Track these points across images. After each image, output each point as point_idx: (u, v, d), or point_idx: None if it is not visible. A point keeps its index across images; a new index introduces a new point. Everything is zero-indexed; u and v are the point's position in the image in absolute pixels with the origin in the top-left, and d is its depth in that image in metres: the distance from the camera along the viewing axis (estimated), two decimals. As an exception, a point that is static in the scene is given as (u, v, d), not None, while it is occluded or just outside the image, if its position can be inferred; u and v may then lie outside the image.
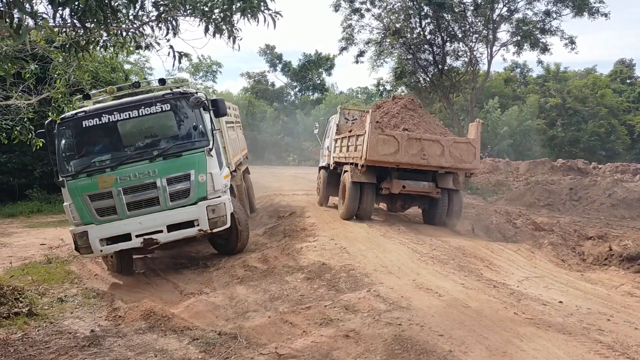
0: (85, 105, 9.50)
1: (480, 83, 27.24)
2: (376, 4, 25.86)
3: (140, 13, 6.33)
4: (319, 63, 59.86)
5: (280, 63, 61.07)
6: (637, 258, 8.54)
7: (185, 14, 6.40)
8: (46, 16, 4.91)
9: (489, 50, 25.71)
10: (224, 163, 10.17)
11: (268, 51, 60.34)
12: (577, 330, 5.58)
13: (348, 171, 13.06)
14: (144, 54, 30.95)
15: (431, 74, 27.52)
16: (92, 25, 5.41)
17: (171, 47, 6.72)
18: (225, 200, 9.37)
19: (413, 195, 12.90)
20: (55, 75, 9.50)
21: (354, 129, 14.21)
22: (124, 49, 7.41)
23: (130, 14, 6.23)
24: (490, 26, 25.00)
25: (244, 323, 6.45)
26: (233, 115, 15.29)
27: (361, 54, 27.76)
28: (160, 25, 6.41)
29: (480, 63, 27.00)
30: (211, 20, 6.22)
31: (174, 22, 6.42)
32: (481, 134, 12.57)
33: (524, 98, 47.60)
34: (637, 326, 5.81)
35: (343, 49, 27.65)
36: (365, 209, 12.80)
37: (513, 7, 24.71)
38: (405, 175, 12.44)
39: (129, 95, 9.88)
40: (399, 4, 25.66)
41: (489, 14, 24.68)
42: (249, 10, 5.66)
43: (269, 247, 10.61)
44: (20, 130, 9.17)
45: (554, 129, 45.31)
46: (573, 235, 11.33)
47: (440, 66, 26.57)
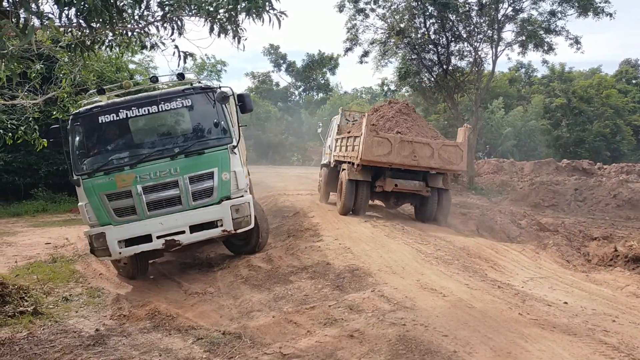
0: (99, 100, 9.06)
1: (484, 83, 27.17)
2: (380, 4, 25.89)
3: (145, 13, 6.36)
4: (322, 63, 59.90)
5: (285, 63, 61.16)
6: (643, 259, 8.51)
7: (190, 14, 6.42)
8: (52, 16, 4.94)
9: (493, 50, 25.67)
10: (243, 161, 9.91)
11: (272, 51, 60.44)
12: (582, 331, 5.56)
13: (345, 169, 13.80)
14: (149, 53, 31.00)
15: (436, 74, 27.50)
16: (98, 25, 5.43)
17: (176, 47, 6.75)
18: (249, 200, 9.06)
19: (405, 193, 13.67)
20: (61, 75, 9.56)
21: (352, 130, 14.97)
22: (129, 48, 7.45)
23: (135, 14, 6.26)
24: (495, 26, 24.97)
25: (248, 323, 6.45)
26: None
27: (365, 54, 27.78)
28: (165, 25, 6.43)
29: (485, 63, 26.98)
30: (216, 20, 6.24)
31: (179, 22, 6.45)
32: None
33: (529, 98, 47.49)
34: (643, 327, 5.78)
35: (348, 50, 27.68)
36: (360, 204, 13.55)
37: (518, 7, 24.67)
38: (398, 175, 13.20)
39: (144, 91, 9.53)
40: (404, 4, 25.65)
41: (494, 14, 24.64)
42: (254, 10, 5.67)
43: (273, 247, 10.61)
44: (25, 130, 9.22)
45: (559, 130, 45.19)
46: (578, 235, 11.31)
47: (444, 66, 26.54)
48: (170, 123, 9.11)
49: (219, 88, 8.84)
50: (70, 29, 6.20)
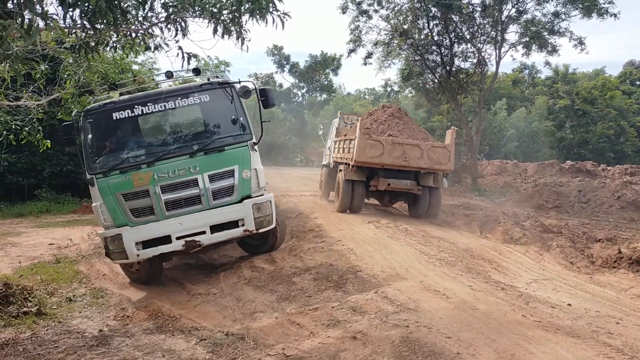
0: (110, 96, 8.72)
1: (488, 84, 27.14)
2: (384, 5, 25.84)
3: (149, 14, 6.37)
4: (325, 64, 59.94)
5: (288, 64, 61.23)
6: (647, 261, 8.48)
7: (194, 15, 6.43)
8: (56, 17, 4.95)
9: (497, 51, 25.63)
10: None
11: (276, 52, 60.53)
12: (586, 333, 5.55)
13: (342, 170, 14.66)
14: (152, 54, 31.05)
15: (439, 75, 27.46)
16: (102, 26, 5.45)
17: (180, 48, 6.76)
18: (270, 198, 8.81)
19: (398, 192, 14.55)
20: (65, 76, 9.55)
21: (348, 133, 15.71)
22: (133, 50, 7.46)
23: (139, 15, 6.27)
24: (498, 27, 24.92)
25: (252, 324, 6.46)
26: None
27: (369, 55, 27.74)
28: (169, 26, 6.44)
29: (489, 64, 26.92)
30: (220, 22, 6.24)
31: (182, 24, 6.46)
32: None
33: (533, 100, 47.40)
34: (647, 329, 5.77)
35: (351, 51, 27.65)
36: (356, 203, 14.33)
37: (522, 9, 24.61)
38: (391, 175, 14.01)
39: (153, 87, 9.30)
40: (407, 5, 25.61)
41: (497, 15, 24.60)
42: (258, 12, 5.68)
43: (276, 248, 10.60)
44: (29, 131, 9.23)
45: (563, 131, 45.09)
46: (582, 237, 11.27)
47: (448, 67, 26.50)
48: (187, 119, 8.82)
49: (239, 82, 8.61)
50: (74, 30, 6.22)
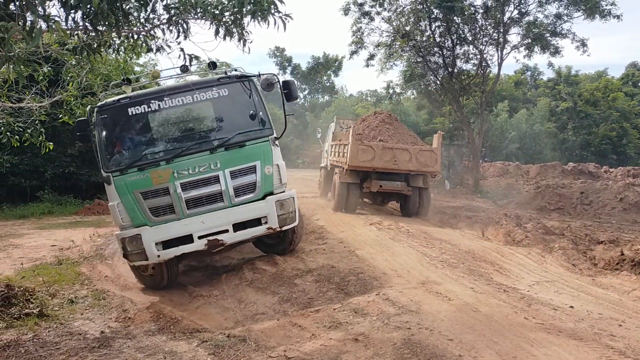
0: (124, 91, 8.42)
1: (490, 86, 27.13)
2: (386, 7, 25.86)
3: (151, 16, 6.37)
4: (327, 65, 60.00)
5: (290, 65, 61.27)
6: (649, 263, 8.45)
7: (196, 17, 6.43)
8: (58, 19, 4.95)
9: (499, 53, 25.62)
10: None
11: (278, 53, 60.57)
12: (589, 335, 5.53)
13: (337, 173, 15.88)
14: (153, 56, 31.09)
15: (441, 77, 27.48)
16: (104, 28, 5.45)
17: (182, 50, 6.76)
18: (293, 195, 8.54)
19: (390, 193, 15.50)
20: (68, 78, 9.56)
21: (343, 138, 16.60)
22: (135, 51, 7.47)
23: (141, 17, 6.27)
24: (500, 29, 24.91)
25: (253, 326, 6.46)
26: None
27: (371, 57, 27.74)
28: (171, 28, 6.45)
29: (491, 66, 26.91)
30: (222, 23, 6.24)
31: (184, 25, 6.46)
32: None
33: (535, 101, 47.35)
34: (650, 332, 5.75)
35: (353, 53, 27.66)
36: (351, 203, 15.35)
37: (524, 10, 24.60)
38: (382, 177, 14.99)
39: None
40: (409, 7, 25.64)
41: (499, 17, 24.59)
42: (259, 13, 5.68)
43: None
44: (31, 133, 9.24)
45: (565, 133, 45.04)
46: (584, 239, 11.24)
47: (450, 69, 26.51)
48: (206, 114, 8.52)
49: (259, 75, 8.43)
50: (76, 32, 6.23)
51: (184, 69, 8.24)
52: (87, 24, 5.30)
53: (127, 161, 7.94)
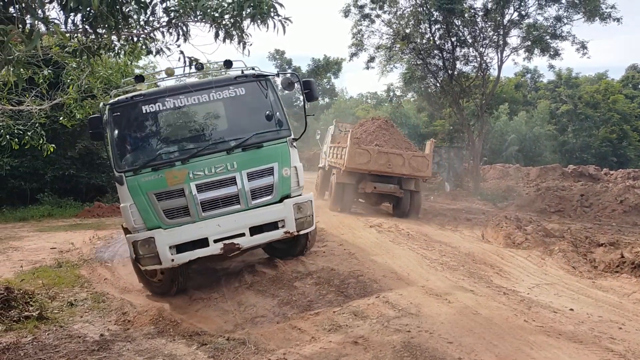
0: (137, 89, 8.14)
1: (490, 88, 27.14)
2: (386, 9, 25.87)
3: (151, 19, 6.38)
4: (327, 68, 60.04)
5: (290, 68, 61.26)
6: (650, 265, 8.43)
7: (195, 19, 6.45)
8: (58, 22, 4.96)
9: (499, 55, 25.63)
10: None
11: (277, 56, 60.59)
12: (589, 338, 5.52)
13: (335, 173, 16.65)
14: (153, 58, 31.12)
15: (441, 79, 27.47)
16: (104, 30, 5.46)
17: (181, 53, 6.78)
18: (311, 198, 8.31)
19: (383, 194, 16.33)
20: (68, 81, 9.57)
21: (342, 140, 17.46)
22: (135, 54, 7.48)
23: (141, 20, 6.28)
24: (500, 31, 24.92)
25: (253, 328, 6.45)
26: None
27: (371, 59, 27.75)
28: (170, 30, 6.46)
29: (491, 68, 26.93)
30: (221, 26, 6.26)
31: (184, 28, 6.48)
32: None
33: (535, 104, 47.36)
34: (650, 335, 5.73)
35: (353, 55, 27.66)
36: (346, 203, 16.23)
37: (524, 13, 24.62)
38: (377, 179, 15.85)
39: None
40: (409, 9, 25.65)
41: (499, 19, 24.61)
42: (259, 16, 5.69)
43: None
44: (31, 135, 9.25)
45: (565, 135, 45.05)
46: (584, 241, 11.22)
47: (450, 71, 26.50)
48: (222, 113, 8.29)
49: (277, 75, 8.34)
50: (76, 35, 6.24)
51: (199, 66, 8.03)
52: (87, 27, 5.31)
53: (141, 161, 7.67)
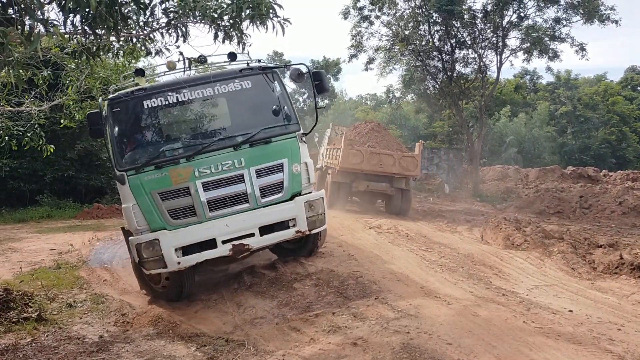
0: (136, 83, 7.82)
1: (489, 90, 27.17)
2: (385, 11, 25.90)
3: (150, 20, 6.39)
4: (326, 69, 60.01)
5: (289, 70, 61.23)
6: (649, 267, 8.43)
7: (195, 20, 6.45)
8: (57, 23, 4.96)
9: (498, 57, 25.67)
10: None
11: (277, 58, 60.53)
12: (588, 339, 5.52)
13: (330, 173, 17.68)
14: (152, 60, 31.13)
15: (440, 81, 27.50)
16: (103, 31, 5.46)
17: (181, 54, 6.79)
18: (322, 195, 8.02)
19: (376, 192, 17.34)
20: (67, 82, 9.56)
21: (337, 142, 18.30)
22: (134, 55, 7.48)
23: (140, 21, 6.29)
24: (499, 33, 24.96)
25: (252, 330, 6.44)
26: None
27: (370, 61, 27.78)
28: (170, 31, 6.46)
29: (489, 70, 26.97)
30: (220, 27, 6.26)
31: (183, 29, 6.48)
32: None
33: (534, 105, 47.39)
34: (649, 336, 5.74)
35: (352, 57, 27.68)
36: (341, 201, 17.28)
37: (523, 14, 24.66)
38: (369, 178, 16.84)
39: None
40: (408, 11, 25.70)
41: (498, 21, 24.64)
42: (258, 18, 5.70)
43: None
44: (31, 137, 9.24)
45: (564, 137, 45.08)
46: (583, 243, 11.22)
47: (449, 73, 26.55)
48: (228, 108, 7.91)
49: (285, 67, 8.02)
50: (75, 36, 6.24)
51: (202, 59, 7.84)
52: (86, 28, 5.31)
53: (143, 159, 7.29)
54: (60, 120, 10.10)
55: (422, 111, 36.34)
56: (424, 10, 24.98)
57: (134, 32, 6.53)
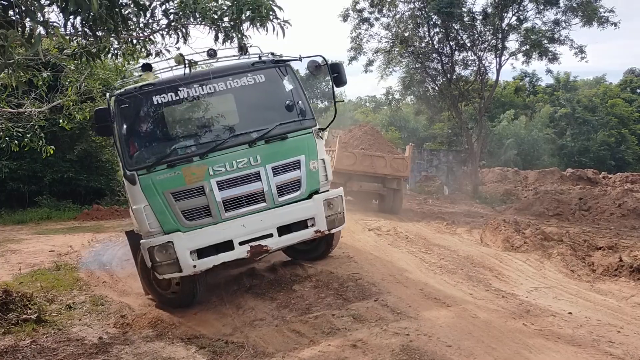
0: (144, 79, 7.51)
1: (489, 92, 27.21)
2: (385, 13, 25.95)
3: (150, 21, 6.38)
4: (325, 71, 59.96)
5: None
6: (648, 269, 8.44)
7: (195, 22, 6.45)
8: (57, 24, 4.96)
9: (497, 59, 25.71)
10: None
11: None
12: (587, 342, 5.52)
13: None
14: (153, 61, 31.07)
15: (440, 83, 27.53)
16: (103, 33, 5.45)
17: (181, 55, 6.76)
18: (340, 193, 7.78)
19: (369, 192, 18.05)
20: (67, 83, 9.56)
21: (332, 145, 18.77)
22: (134, 56, 7.46)
23: (140, 22, 6.28)
24: (499, 35, 25.00)
25: (251, 332, 6.44)
26: None
27: (370, 63, 27.82)
28: (170, 33, 6.46)
29: (489, 72, 27.01)
30: (221, 29, 6.26)
31: (184, 30, 6.47)
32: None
33: (534, 107, 47.41)
34: (648, 338, 5.74)
35: (352, 59, 27.70)
36: None
37: (522, 17, 24.70)
38: (362, 179, 17.49)
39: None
40: (408, 13, 25.75)
41: (498, 24, 24.69)
42: (258, 20, 5.69)
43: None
44: (30, 138, 9.23)
45: (564, 139, 45.09)
46: (583, 245, 11.22)
47: (448, 75, 26.57)
48: (241, 103, 7.65)
49: (300, 59, 7.69)
50: (75, 38, 6.24)
51: (212, 53, 7.47)
52: (86, 30, 5.30)
53: (155, 157, 7.02)
54: (60, 121, 10.08)
55: (422, 113, 36.32)
56: (423, 12, 25.03)
57: (134, 34, 6.53)
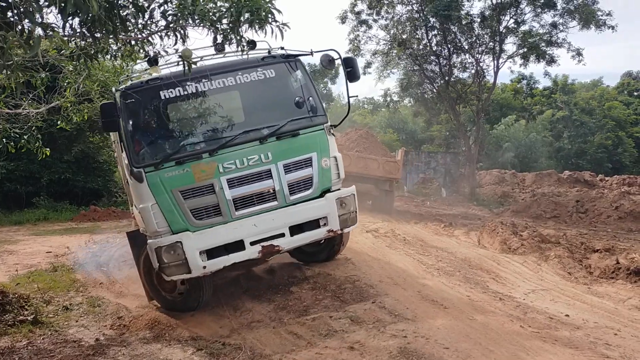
0: (150, 73, 7.26)
1: (486, 95, 27.27)
2: (383, 15, 26.01)
3: (148, 22, 6.38)
4: (324, 72, 60.02)
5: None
6: (645, 272, 8.45)
7: (194, 24, 6.45)
8: (55, 25, 4.96)
9: (495, 62, 25.78)
10: None
11: (275, 61, 60.55)
12: (584, 344, 5.53)
13: None
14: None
15: (437, 85, 27.58)
16: (101, 34, 5.45)
17: (180, 57, 6.76)
18: (353, 191, 7.59)
19: (363, 193, 17.45)
20: (65, 84, 9.55)
21: None
22: (133, 58, 7.45)
23: (139, 24, 6.28)
24: (496, 38, 25.06)
25: (249, 334, 6.44)
26: None
27: (368, 65, 27.87)
28: (168, 34, 6.46)
29: (487, 75, 27.06)
30: (219, 30, 6.26)
31: (182, 32, 6.47)
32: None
33: (531, 110, 47.51)
34: (645, 341, 5.75)
35: (350, 60, 27.68)
36: None
37: (520, 20, 24.77)
38: (356, 180, 17.46)
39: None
40: (406, 15, 25.80)
41: (496, 26, 24.75)
42: (257, 22, 5.69)
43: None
44: (28, 139, 9.22)
45: (561, 141, 45.17)
46: (580, 247, 11.24)
47: (446, 77, 26.62)
48: (251, 98, 7.47)
49: (311, 53, 7.51)
50: (74, 39, 6.23)
51: (220, 47, 7.20)
52: (85, 31, 5.30)
53: (163, 154, 6.81)
54: (57, 122, 10.07)
55: (420, 115, 36.40)
56: (421, 14, 25.08)
57: (133, 35, 6.52)
